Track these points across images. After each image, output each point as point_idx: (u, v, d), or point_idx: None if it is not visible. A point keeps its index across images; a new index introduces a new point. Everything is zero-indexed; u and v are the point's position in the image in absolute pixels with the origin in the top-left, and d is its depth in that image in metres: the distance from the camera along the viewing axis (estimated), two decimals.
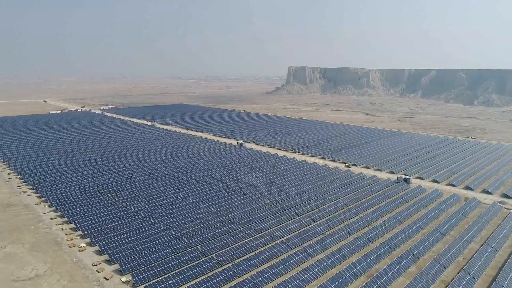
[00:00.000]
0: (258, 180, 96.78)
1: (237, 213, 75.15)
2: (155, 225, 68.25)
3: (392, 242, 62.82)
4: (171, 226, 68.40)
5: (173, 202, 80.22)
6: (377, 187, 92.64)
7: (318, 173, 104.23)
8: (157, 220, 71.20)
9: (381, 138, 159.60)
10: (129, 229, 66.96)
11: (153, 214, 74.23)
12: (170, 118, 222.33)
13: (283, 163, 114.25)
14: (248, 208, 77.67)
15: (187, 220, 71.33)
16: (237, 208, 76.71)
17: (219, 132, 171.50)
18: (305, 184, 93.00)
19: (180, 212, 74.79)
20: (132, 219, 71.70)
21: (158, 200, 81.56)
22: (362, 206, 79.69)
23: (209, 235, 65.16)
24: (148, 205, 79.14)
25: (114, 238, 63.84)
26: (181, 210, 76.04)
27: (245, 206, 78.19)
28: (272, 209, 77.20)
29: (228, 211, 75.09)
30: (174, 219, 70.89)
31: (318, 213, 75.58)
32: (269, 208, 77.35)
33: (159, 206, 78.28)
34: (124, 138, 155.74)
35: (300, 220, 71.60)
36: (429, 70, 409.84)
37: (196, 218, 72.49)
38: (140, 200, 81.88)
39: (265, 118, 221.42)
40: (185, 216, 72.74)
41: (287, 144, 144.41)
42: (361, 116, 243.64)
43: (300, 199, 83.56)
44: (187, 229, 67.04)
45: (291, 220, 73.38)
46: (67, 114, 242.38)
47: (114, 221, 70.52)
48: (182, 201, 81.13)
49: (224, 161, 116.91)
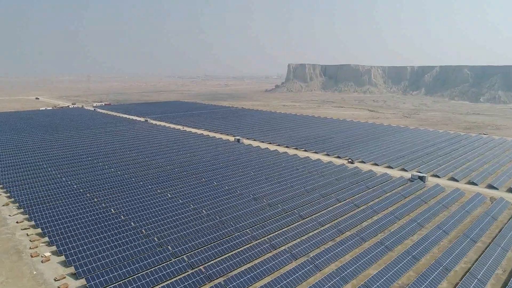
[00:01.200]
0: (256, 178, 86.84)
1: (232, 215, 65.17)
2: (135, 230, 58.21)
3: (415, 250, 52.89)
4: (154, 231, 58.38)
5: (159, 203, 70.20)
6: (390, 186, 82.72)
7: (323, 170, 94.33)
8: (138, 224, 61.16)
9: (388, 134, 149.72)
10: (104, 235, 56.92)
11: (134, 217, 64.20)
12: (164, 114, 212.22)
13: (284, 160, 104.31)
14: (245, 209, 67.69)
15: (174, 224, 61.31)
16: (232, 210, 66.72)
17: (215, 128, 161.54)
18: (309, 183, 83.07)
19: (167, 215, 64.76)
20: (110, 222, 61.63)
21: (142, 201, 71.53)
22: (375, 207, 69.75)
23: (198, 242, 55.15)
24: (130, 206, 69.08)
25: (85, 246, 53.80)
26: (167, 213, 66.02)
27: (242, 207, 68.23)
28: (272, 211, 67.20)
29: (221, 213, 65.08)
30: (158, 223, 60.85)
31: (325, 215, 65.63)
32: (269, 210, 67.35)
33: (143, 207, 68.25)
34: (113, 134, 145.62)
35: (305, 224, 61.61)
36: (432, 67, 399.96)
37: (185, 221, 62.48)
38: (122, 200, 71.83)
39: (264, 114, 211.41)
40: (172, 219, 62.71)
41: (288, 140, 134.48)
42: (364, 113, 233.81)
43: (304, 199, 73.61)
44: (172, 235, 57.00)
45: (295, 224, 63.45)
46: (56, 111, 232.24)
47: (88, 226, 60.46)
48: (169, 202, 71.14)
49: (219, 158, 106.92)
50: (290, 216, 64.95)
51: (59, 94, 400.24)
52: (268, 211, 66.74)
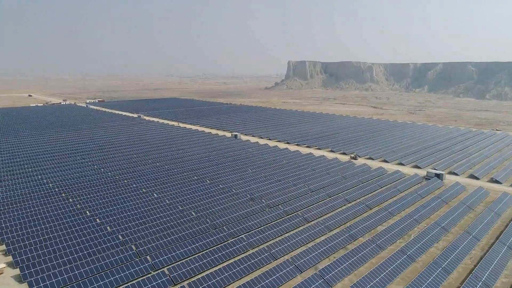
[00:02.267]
0: (254, 176, 77.90)
1: (225, 218, 56.22)
2: (111, 236, 49.19)
3: (444, 261, 43.93)
4: (132, 238, 49.42)
5: (143, 204, 61.20)
6: (404, 185, 73.78)
7: (329, 167, 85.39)
8: (115, 228, 52.17)
9: (396, 129, 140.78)
10: (73, 242, 47.90)
11: (112, 221, 55.22)
12: (159, 111, 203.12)
13: (285, 156, 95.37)
14: (241, 211, 58.72)
15: (157, 229, 52.33)
16: (227, 212, 57.76)
17: (211, 124, 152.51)
18: (314, 181, 74.12)
19: (149, 218, 55.77)
20: (82, 226, 52.66)
21: (123, 202, 62.53)
22: (390, 209, 60.80)
23: (183, 251, 46.17)
24: (108, 208, 60.10)
25: (47, 256, 44.80)
26: (151, 215, 57.03)
27: (237, 208, 59.26)
28: (272, 213, 58.26)
29: (213, 216, 56.11)
30: (139, 228, 51.86)
31: (333, 218, 56.66)
32: (268, 212, 58.40)
33: (123, 209, 59.26)
34: (101, 130, 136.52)
35: (310, 228, 52.65)
36: (435, 64, 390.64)
37: (170, 226, 53.50)
38: (101, 201, 62.84)
39: (263, 111, 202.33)
40: (156, 223, 53.71)
41: (288, 136, 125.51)
42: (367, 109, 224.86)
43: (308, 199, 64.67)
44: (153, 242, 48.00)
45: (298, 228, 54.51)
46: (47, 107, 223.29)
47: (55, 231, 51.44)
48: (155, 203, 62.17)
49: (214, 154, 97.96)
50: (293, 219, 56.00)
51: (54, 92, 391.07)
52: (267, 213, 57.81)
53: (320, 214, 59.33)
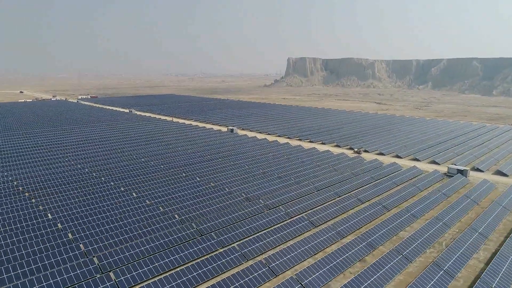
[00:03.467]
0: (251, 173, 68.12)
1: (215, 222, 46.42)
2: (71, 245, 39.33)
3: (492, 278, 34.18)
4: (97, 248, 39.59)
5: (117, 206, 51.34)
6: (425, 182, 64.01)
7: (335, 163, 75.61)
8: (79, 235, 42.33)
9: (404, 124, 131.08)
10: (21, 254, 38.05)
11: (75, 225, 45.39)
12: (152, 106, 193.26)
13: (285, 151, 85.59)
14: (234, 214, 48.93)
15: (130, 235, 42.50)
16: (217, 214, 47.95)
17: (207, 119, 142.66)
18: (319, 178, 64.32)
19: (122, 222, 45.94)
20: (39, 232, 42.83)
21: (95, 202, 52.67)
22: (412, 210, 51.03)
23: (158, 265, 36.34)
24: (75, 210, 50.25)
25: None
26: (125, 219, 47.18)
27: (230, 210, 49.45)
28: (271, 216, 48.46)
29: (201, 219, 46.32)
30: (107, 234, 41.99)
31: (345, 222, 46.87)
32: (267, 215, 48.57)
33: (92, 212, 49.39)
34: (84, 124, 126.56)
35: (318, 235, 42.84)
36: (439, 60, 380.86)
37: (146, 232, 43.71)
38: (68, 202, 53.00)
39: (262, 106, 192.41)
40: (129, 228, 43.85)
41: (289, 131, 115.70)
42: (371, 105, 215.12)
43: (314, 199, 54.90)
44: (121, 254, 38.14)
45: (304, 234, 44.77)
46: (35, 103, 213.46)
47: (2, 238, 41.54)
48: (133, 203, 52.34)
49: (206, 149, 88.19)
50: (296, 223, 46.19)
51: (48, 89, 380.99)
52: (265, 216, 48.00)
53: (329, 216, 49.54)
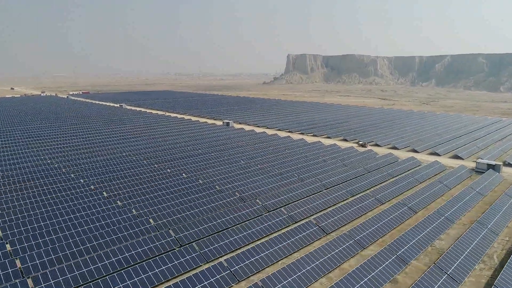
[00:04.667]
0: (247, 169, 58.29)
1: (200, 228, 36.54)
2: (7, 260, 29.39)
3: None
4: (38, 265, 29.63)
5: (82, 207, 41.42)
6: (452, 179, 54.17)
7: (344, 158, 65.78)
8: (18, 247, 32.39)
9: (413, 118, 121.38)
10: None
11: (18, 233, 35.47)
12: (146, 101, 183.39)
13: (287, 145, 75.78)
14: (224, 217, 39.06)
15: (87, 246, 32.56)
16: (203, 219, 38.05)
17: (202, 113, 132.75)
18: (327, 175, 54.49)
19: (85, 228, 36.02)
20: None
21: (55, 204, 42.75)
22: (446, 213, 41.17)
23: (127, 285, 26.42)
24: (22, 213, 40.29)
25: None
26: (88, 223, 37.25)
27: (220, 213, 39.58)
28: (271, 220, 38.58)
29: (182, 226, 36.42)
30: (65, 242, 32.07)
31: (364, 228, 37.00)
32: (266, 219, 38.67)
33: (55, 214, 39.46)
34: (67, 118, 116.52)
35: (332, 246, 32.95)
36: (443, 56, 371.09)
37: (112, 241, 33.79)
38: (24, 201, 43.05)
39: (261, 101, 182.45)
40: (88, 237, 33.91)
41: (290, 125, 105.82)
42: (375, 101, 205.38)
43: (323, 199, 45.05)
44: (69, 273, 28.16)
45: (313, 244, 34.89)
46: (21, 98, 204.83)
47: None
48: (102, 204, 42.47)
49: (197, 143, 78.37)
50: (302, 229, 36.32)
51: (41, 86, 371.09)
52: (264, 220, 38.12)
53: (344, 221, 39.68)
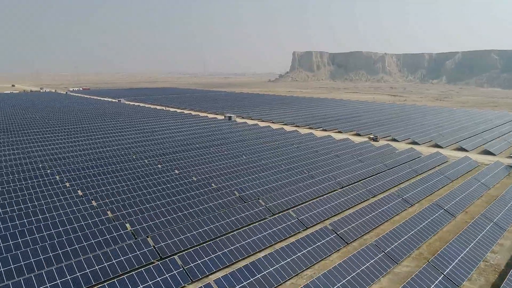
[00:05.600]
0: (249, 164, 50.67)
1: (187, 235, 28.94)
2: None
3: None
4: None
5: (47, 208, 34.05)
6: (489, 177, 46.12)
7: (360, 153, 57.98)
8: None
9: (429, 114, 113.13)
10: None
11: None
12: (146, 97, 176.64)
13: (294, 139, 68.12)
14: (220, 221, 31.43)
15: (48, 256, 25.07)
16: (192, 224, 30.44)
17: (203, 108, 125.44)
18: (341, 172, 46.71)
19: (52, 231, 28.57)
20: None
21: (15, 204, 35.45)
22: (494, 218, 33.23)
23: None
24: None
25: None
26: (56, 226, 29.78)
27: (214, 216, 31.94)
28: (278, 225, 30.90)
29: (165, 232, 28.82)
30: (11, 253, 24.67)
31: (395, 237, 29.17)
32: (271, 224, 30.97)
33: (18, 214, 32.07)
34: (57, 111, 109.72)
35: (358, 261, 25.14)
36: (454, 53, 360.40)
37: (83, 249, 26.20)
38: None
39: (266, 97, 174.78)
40: (58, 241, 26.44)
41: (297, 119, 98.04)
42: (386, 97, 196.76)
43: (339, 200, 37.29)
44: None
45: (331, 257, 27.07)
46: (19, 94, 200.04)
47: None
48: (74, 204, 35.08)
49: (196, 137, 70.99)
50: (316, 238, 28.57)
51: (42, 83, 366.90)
52: (268, 226, 30.44)
53: (366, 227, 31.89)
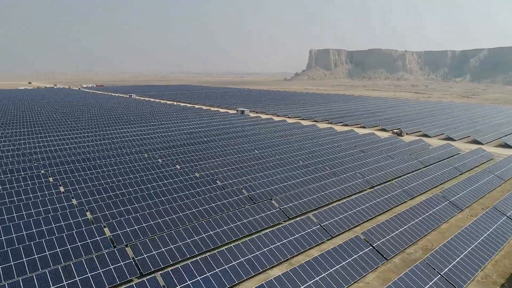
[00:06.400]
0: (260, 159, 43.97)
1: (183, 243, 22.34)
2: None
3: None
4: None
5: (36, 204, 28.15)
6: None
7: (390, 149, 50.54)
8: None
9: (459, 110, 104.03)
10: None
11: None
12: (157, 93, 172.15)
13: (313, 134, 61.09)
14: (225, 226, 24.77)
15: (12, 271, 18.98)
16: (187, 230, 23.91)
17: (214, 103, 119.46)
18: (370, 169, 39.57)
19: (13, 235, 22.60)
20: None
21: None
22: None
23: None
24: None
25: None
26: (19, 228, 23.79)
27: (217, 220, 25.33)
28: (296, 232, 24.03)
29: (156, 240, 22.36)
30: None
31: (451, 253, 21.89)
32: (287, 231, 24.16)
33: None
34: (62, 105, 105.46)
35: (409, 283, 18.02)
36: (478, 50, 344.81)
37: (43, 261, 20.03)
38: None
39: (281, 93, 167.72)
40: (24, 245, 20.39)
41: (315, 114, 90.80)
42: (408, 94, 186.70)
43: (371, 203, 30.16)
44: None
45: (366, 275, 20.00)
46: (33, 89, 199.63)
47: None
48: (50, 201, 29.11)
49: (204, 131, 64.80)
50: (348, 251, 21.59)
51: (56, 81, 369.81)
52: (282, 233, 23.64)
53: (410, 238, 24.71)
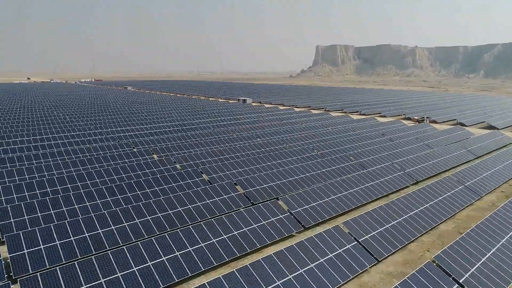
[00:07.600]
0: (265, 148, 34.70)
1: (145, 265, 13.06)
2: None
3: None
4: None
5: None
6: None
7: (423, 136, 40.98)
8: None
9: (483, 100, 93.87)
10: None
11: None
12: (156, 86, 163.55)
13: (325, 121, 51.79)
14: (208, 240, 15.43)
15: None
16: (153, 250, 14.68)
17: (218, 95, 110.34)
18: (407, 160, 30.09)
19: None
20: None
21: None
22: None
23: None
24: None
25: None
26: None
27: (201, 226, 16.05)
28: (336, 250, 14.60)
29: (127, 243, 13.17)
30: None
31: None
32: (305, 247, 14.80)
33: None
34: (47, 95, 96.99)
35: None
36: (492, 45, 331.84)
37: None
38: None
39: (287, 86, 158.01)
40: None
41: (326, 104, 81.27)
42: (422, 89, 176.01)
43: (430, 204, 20.62)
44: None
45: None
46: (24, 84, 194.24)
47: None
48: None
49: (194, 118, 55.72)
50: None
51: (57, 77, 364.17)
52: (294, 253, 14.27)
53: (481, 250, 15.22)
